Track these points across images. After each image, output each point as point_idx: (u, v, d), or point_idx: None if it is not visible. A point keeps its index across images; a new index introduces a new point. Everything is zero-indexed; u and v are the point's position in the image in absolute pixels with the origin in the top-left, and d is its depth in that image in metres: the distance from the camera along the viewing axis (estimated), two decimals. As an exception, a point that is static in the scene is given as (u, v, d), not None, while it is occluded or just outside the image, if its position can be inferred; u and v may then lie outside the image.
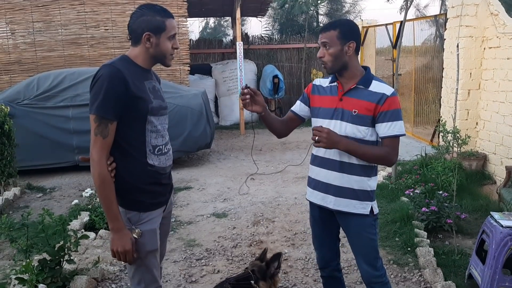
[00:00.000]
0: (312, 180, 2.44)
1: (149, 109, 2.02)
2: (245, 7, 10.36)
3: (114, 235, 1.97)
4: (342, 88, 2.30)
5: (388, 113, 2.19)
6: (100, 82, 1.92)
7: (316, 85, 2.43)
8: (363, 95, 2.23)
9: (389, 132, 2.21)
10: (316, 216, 2.50)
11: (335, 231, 2.51)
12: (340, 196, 2.31)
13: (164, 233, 2.29)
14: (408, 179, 5.27)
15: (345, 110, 2.26)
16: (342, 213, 2.34)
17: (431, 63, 7.94)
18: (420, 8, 15.93)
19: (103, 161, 1.94)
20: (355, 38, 2.24)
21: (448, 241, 4.03)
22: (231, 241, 4.14)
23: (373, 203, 2.34)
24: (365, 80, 2.26)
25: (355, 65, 2.28)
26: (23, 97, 6.30)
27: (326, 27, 2.27)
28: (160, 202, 2.15)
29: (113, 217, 1.96)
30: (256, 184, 5.90)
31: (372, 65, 10.16)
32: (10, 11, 7.81)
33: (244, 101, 2.27)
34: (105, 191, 1.95)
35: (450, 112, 6.28)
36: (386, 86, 2.25)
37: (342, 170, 2.29)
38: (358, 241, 2.38)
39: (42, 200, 5.45)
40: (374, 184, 2.36)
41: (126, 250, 1.96)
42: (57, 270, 3.12)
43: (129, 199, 2.04)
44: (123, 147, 2.01)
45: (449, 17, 6.23)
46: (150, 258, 2.08)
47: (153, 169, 2.07)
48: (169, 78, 8.13)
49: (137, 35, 2.04)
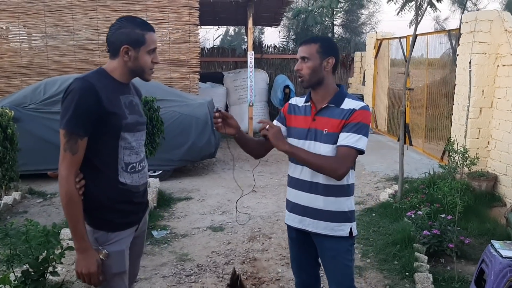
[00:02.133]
0: (289, 202, 2.36)
1: (122, 125, 1.94)
2: (258, 16, 10.32)
3: (79, 256, 1.89)
4: (315, 108, 2.27)
5: (351, 124, 2.15)
6: (71, 96, 1.85)
7: (292, 104, 2.38)
8: (334, 114, 2.20)
9: (344, 142, 2.13)
10: (293, 238, 2.42)
11: (313, 254, 2.41)
12: (317, 219, 2.24)
13: (136, 253, 2.20)
14: (413, 199, 5.10)
15: (317, 130, 2.22)
16: (319, 235, 2.27)
17: (446, 77, 7.75)
18: (440, 21, 15.69)
19: (71, 178, 1.86)
20: (334, 54, 2.24)
21: (450, 266, 3.86)
22: (224, 257, 4.03)
23: (352, 224, 2.26)
24: (336, 98, 2.23)
25: (330, 83, 2.26)
26: (29, 102, 6.32)
27: (307, 41, 2.26)
28: (131, 222, 2.07)
29: (79, 237, 1.88)
30: (257, 197, 5.79)
31: (385, 78, 10.00)
32: (24, 15, 7.89)
33: (216, 124, 2.22)
34: (71, 209, 1.87)
35: (461, 130, 6.10)
36: (357, 102, 2.21)
37: (317, 192, 2.23)
38: (333, 267, 2.29)
39: (41, 205, 5.43)
40: (352, 204, 2.29)
41: (90, 273, 1.88)
42: (40, 282, 3.06)
43: (97, 217, 1.96)
44: (94, 164, 1.93)
45: (463, 32, 6.07)
46: (116, 281, 1.99)
47: (125, 188, 1.99)
48: (179, 86, 8.11)
49: (115, 47, 1.97)
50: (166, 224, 4.83)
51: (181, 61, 8.26)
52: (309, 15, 11.27)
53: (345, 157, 2.12)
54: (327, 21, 12.75)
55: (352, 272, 2.32)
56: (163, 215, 5.08)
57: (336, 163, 2.11)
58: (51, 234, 3.03)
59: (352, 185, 2.28)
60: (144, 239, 2.32)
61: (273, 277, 3.68)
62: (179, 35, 8.21)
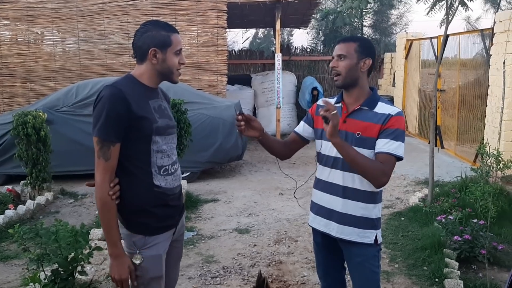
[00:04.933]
0: (315, 204, 2.32)
1: (153, 129, 1.96)
2: (286, 18, 10.30)
3: (112, 262, 1.93)
4: (346, 110, 2.20)
5: (389, 130, 2.08)
6: (101, 104, 1.88)
7: (321, 106, 2.29)
8: (368, 117, 2.13)
9: (384, 149, 2.06)
10: (318, 242, 2.37)
11: (339, 259, 2.36)
12: (343, 224, 2.19)
13: (175, 257, 2.22)
14: (444, 203, 4.97)
15: (348, 133, 2.15)
16: (344, 241, 2.22)
17: (479, 78, 7.54)
18: (471, 21, 15.28)
19: (105, 185, 1.89)
20: (372, 56, 2.18)
21: (482, 273, 3.73)
22: (249, 259, 4.03)
23: (377, 232, 2.21)
24: (370, 101, 2.16)
25: (364, 84, 2.19)
26: (62, 104, 6.48)
27: (345, 39, 2.19)
28: (168, 225, 2.08)
29: (112, 243, 1.91)
30: (284, 199, 5.77)
31: (416, 79, 9.81)
32: (57, 20, 8.12)
33: (239, 127, 2.19)
34: (105, 215, 1.90)
35: (494, 132, 5.92)
36: (391, 107, 2.15)
37: (345, 196, 2.17)
38: (359, 273, 2.23)
39: (72, 206, 5.56)
40: (379, 211, 2.24)
41: (122, 279, 1.92)
42: (69, 281, 3.12)
43: (134, 222, 1.98)
44: (128, 169, 1.95)
45: (496, 32, 5.90)
46: (153, 285, 2.01)
47: (160, 190, 2.00)
48: (207, 89, 8.18)
49: (142, 51, 1.99)
50: (193, 225, 4.86)
51: (209, 64, 8.33)
52: (338, 16, 11.16)
53: (388, 165, 2.05)
54: (356, 22, 12.60)
55: (379, 279, 2.27)
56: (190, 216, 5.12)
57: (380, 171, 2.04)
58: (80, 234, 3.09)
59: (381, 192, 2.23)
60: (183, 243, 2.33)
61: (298, 281, 3.65)
62: (207, 38, 8.28)
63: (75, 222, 4.35)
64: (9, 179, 6.37)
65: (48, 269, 3.15)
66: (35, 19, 8.11)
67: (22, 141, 5.37)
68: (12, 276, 3.75)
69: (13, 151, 5.70)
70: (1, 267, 3.92)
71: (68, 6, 8.07)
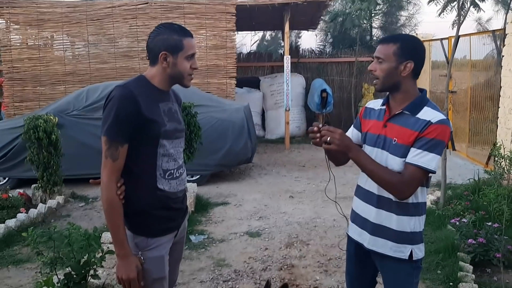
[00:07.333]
0: (353, 211, 2.22)
1: (161, 132, 1.95)
2: (295, 20, 10.27)
3: (119, 262, 1.92)
4: (389, 113, 2.05)
5: (425, 139, 1.89)
6: (111, 104, 1.88)
7: (368, 108, 2.19)
8: (407, 123, 1.96)
9: (414, 160, 1.90)
10: (351, 251, 2.25)
11: (370, 273, 2.25)
12: (375, 235, 2.06)
13: (175, 259, 2.21)
14: (457, 206, 4.92)
15: (387, 138, 2.01)
16: (377, 254, 2.09)
17: (490, 79, 7.47)
18: (482, 22, 15.15)
19: (112, 185, 1.89)
20: (414, 59, 1.96)
21: (496, 277, 3.69)
22: (261, 263, 4.01)
23: (414, 247, 2.03)
24: (414, 105, 1.98)
25: (409, 88, 2.01)
26: (72, 108, 6.51)
27: (386, 39, 2.04)
28: (171, 228, 2.08)
29: (119, 243, 1.91)
30: (294, 202, 5.74)
31: (426, 80, 9.73)
32: (67, 24, 8.16)
33: (314, 139, 1.99)
34: (112, 215, 1.90)
35: (507, 134, 5.86)
36: (435, 113, 1.94)
37: (379, 206, 2.04)
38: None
39: (83, 209, 5.58)
40: (418, 224, 2.04)
41: (130, 278, 1.90)
42: (82, 284, 3.13)
43: (137, 223, 1.98)
44: (133, 170, 1.95)
45: (508, 32, 5.84)
46: (156, 286, 2.01)
47: (163, 194, 2.00)
48: (216, 92, 8.18)
49: (154, 54, 1.99)
50: (204, 229, 4.85)
51: (218, 67, 8.33)
52: (347, 18, 11.06)
53: (413, 178, 1.91)
54: (365, 23, 12.54)
55: None
56: (200, 219, 5.11)
57: (402, 184, 1.91)
58: (92, 238, 3.09)
59: (421, 204, 2.04)
60: (183, 245, 2.33)
61: (311, 285, 3.62)
62: (216, 41, 8.28)
63: (86, 226, 4.35)
64: (20, 182, 6.40)
65: (60, 272, 3.16)
66: (45, 24, 8.15)
67: (33, 145, 5.40)
68: (24, 279, 3.76)
69: (24, 155, 5.72)
70: (13, 270, 3.93)
71: (78, 10, 8.11)
